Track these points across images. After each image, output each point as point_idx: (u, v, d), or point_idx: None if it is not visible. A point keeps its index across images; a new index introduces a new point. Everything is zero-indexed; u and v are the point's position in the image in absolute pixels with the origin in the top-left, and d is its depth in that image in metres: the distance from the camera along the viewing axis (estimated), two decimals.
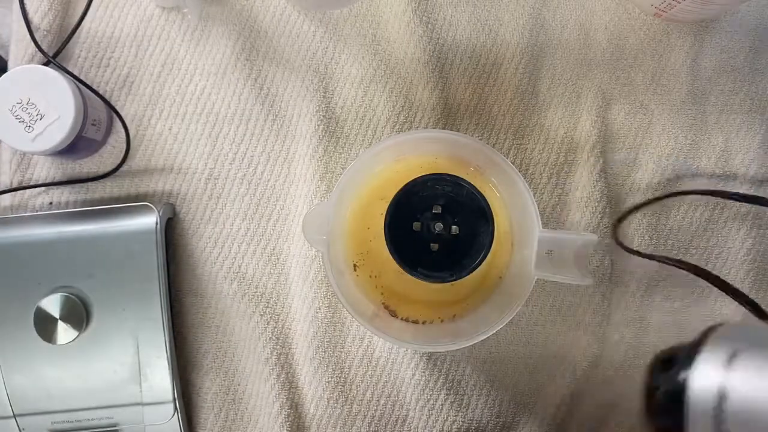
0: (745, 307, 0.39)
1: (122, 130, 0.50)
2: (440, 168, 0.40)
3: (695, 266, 0.47)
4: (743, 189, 0.52)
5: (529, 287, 0.40)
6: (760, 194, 0.52)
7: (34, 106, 0.44)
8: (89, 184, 0.50)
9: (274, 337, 0.50)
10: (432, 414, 0.50)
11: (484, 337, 0.40)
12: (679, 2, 0.47)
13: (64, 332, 0.45)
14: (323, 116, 0.50)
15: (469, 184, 0.38)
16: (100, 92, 0.50)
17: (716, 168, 0.52)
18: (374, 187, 0.42)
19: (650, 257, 0.49)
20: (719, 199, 0.52)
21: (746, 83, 0.52)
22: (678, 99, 0.52)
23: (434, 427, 0.50)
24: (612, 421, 0.50)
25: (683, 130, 0.52)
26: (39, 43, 0.48)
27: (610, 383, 0.50)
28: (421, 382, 0.50)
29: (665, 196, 0.51)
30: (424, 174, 0.39)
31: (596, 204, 0.51)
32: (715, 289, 0.46)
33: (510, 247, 0.42)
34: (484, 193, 0.39)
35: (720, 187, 0.52)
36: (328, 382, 0.50)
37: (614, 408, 0.50)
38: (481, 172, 0.42)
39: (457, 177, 0.38)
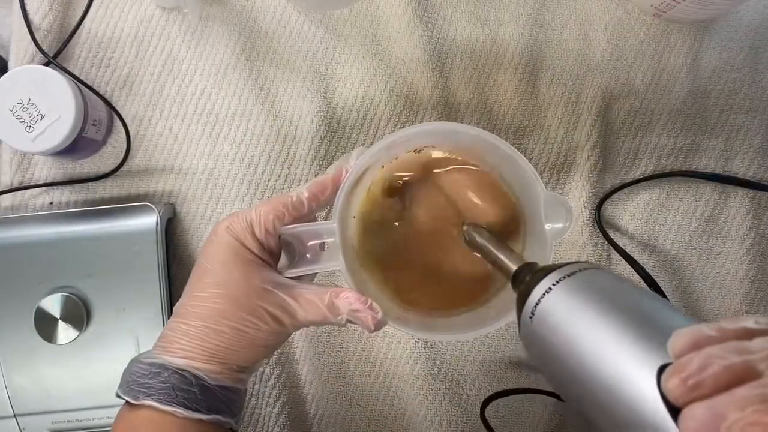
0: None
1: (122, 130, 0.50)
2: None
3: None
4: (742, 189, 0.52)
5: None
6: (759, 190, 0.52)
7: (34, 106, 0.44)
8: (90, 184, 0.50)
9: None
10: (431, 409, 0.50)
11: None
12: (679, 2, 0.47)
13: (65, 332, 0.46)
14: (324, 116, 0.50)
15: None
16: (101, 92, 0.50)
17: (716, 168, 0.52)
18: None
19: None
20: (718, 200, 0.52)
21: (746, 83, 0.52)
22: (678, 99, 0.52)
23: (433, 421, 0.50)
24: None
25: (683, 130, 0.52)
26: (39, 43, 0.48)
27: None
28: (420, 378, 0.50)
29: (644, 178, 0.51)
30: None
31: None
32: None
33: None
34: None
35: (720, 187, 0.52)
36: (327, 380, 0.50)
37: None
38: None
39: None
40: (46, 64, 0.48)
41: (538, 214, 0.37)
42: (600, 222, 0.51)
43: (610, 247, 0.51)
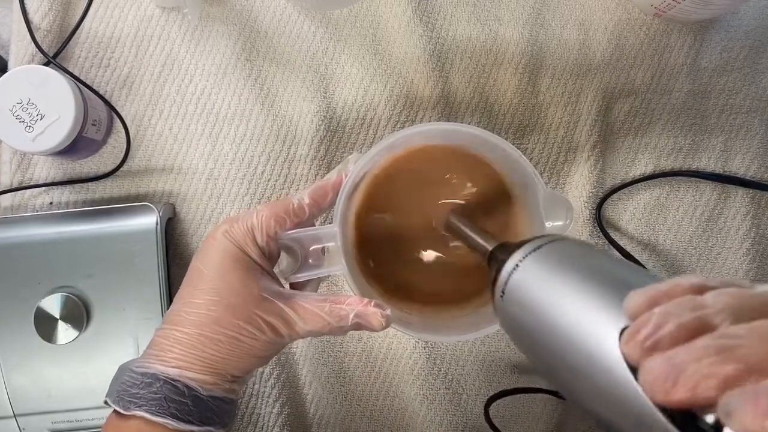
0: None
1: (122, 130, 0.50)
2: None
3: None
4: (742, 189, 0.52)
5: None
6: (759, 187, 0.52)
7: (34, 106, 0.44)
8: (89, 184, 0.50)
9: None
10: (431, 409, 0.50)
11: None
12: (679, 2, 0.47)
13: (65, 332, 0.46)
14: (324, 116, 0.50)
15: None
16: (101, 92, 0.50)
17: (716, 168, 0.52)
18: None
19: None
20: (718, 200, 0.52)
21: (746, 83, 0.52)
22: (678, 99, 0.52)
23: (433, 420, 0.50)
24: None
25: (683, 130, 0.52)
26: (39, 43, 0.48)
27: None
28: (420, 378, 0.50)
29: (644, 178, 0.51)
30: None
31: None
32: None
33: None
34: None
35: (720, 187, 0.52)
36: (327, 380, 0.50)
37: None
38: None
39: None
40: (46, 64, 0.48)
41: (538, 212, 0.37)
42: (600, 222, 0.51)
43: (611, 246, 0.51)
